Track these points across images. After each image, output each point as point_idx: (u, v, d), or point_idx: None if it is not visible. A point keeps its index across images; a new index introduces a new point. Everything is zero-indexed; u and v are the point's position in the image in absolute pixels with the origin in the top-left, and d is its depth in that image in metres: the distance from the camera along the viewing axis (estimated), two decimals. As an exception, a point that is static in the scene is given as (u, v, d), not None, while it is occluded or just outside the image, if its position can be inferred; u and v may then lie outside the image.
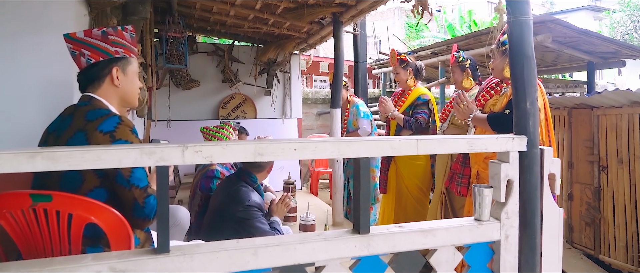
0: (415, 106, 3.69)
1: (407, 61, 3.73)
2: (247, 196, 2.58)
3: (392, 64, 3.77)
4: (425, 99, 3.69)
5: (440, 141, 1.51)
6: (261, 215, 2.58)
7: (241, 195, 2.58)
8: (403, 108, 3.71)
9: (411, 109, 3.69)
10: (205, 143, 1.26)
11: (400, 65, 3.70)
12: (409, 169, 3.62)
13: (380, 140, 1.43)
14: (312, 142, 1.35)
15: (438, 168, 3.33)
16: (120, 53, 1.72)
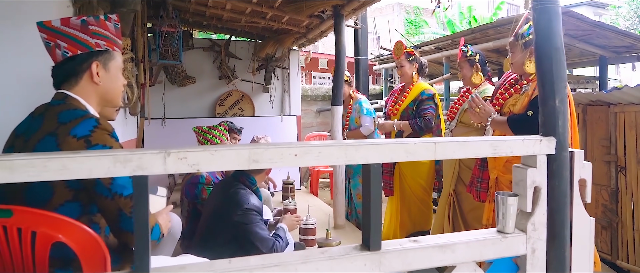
0: (419, 101, 3.56)
1: (414, 54, 3.59)
2: (246, 199, 2.42)
3: (397, 56, 3.60)
4: (430, 93, 3.57)
5: (461, 144, 1.33)
6: (260, 220, 2.42)
7: (239, 198, 2.41)
8: (405, 104, 3.57)
9: (415, 104, 3.56)
10: (192, 148, 1.08)
11: (406, 58, 3.56)
12: (412, 168, 3.47)
13: (394, 143, 1.25)
14: (315, 146, 1.17)
15: (445, 169, 3.15)
16: (102, 46, 1.52)
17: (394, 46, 3.67)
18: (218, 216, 2.41)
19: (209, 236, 2.36)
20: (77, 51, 1.48)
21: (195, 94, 5.80)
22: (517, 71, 2.45)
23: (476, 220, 2.72)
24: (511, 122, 2.28)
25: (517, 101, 2.36)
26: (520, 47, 2.37)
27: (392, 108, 3.62)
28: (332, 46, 4.07)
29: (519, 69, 2.41)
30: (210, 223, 2.44)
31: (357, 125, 4.16)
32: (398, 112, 3.57)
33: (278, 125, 6.04)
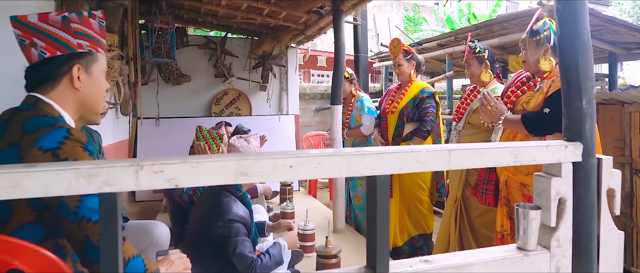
0: (420, 100, 3.46)
1: (412, 52, 3.50)
2: (228, 208, 2.16)
3: (394, 55, 3.50)
4: (431, 91, 3.50)
5: (478, 152, 1.18)
6: (245, 233, 2.17)
7: (222, 206, 2.16)
8: (404, 102, 3.47)
9: (414, 103, 3.45)
10: (169, 160, 0.92)
11: (404, 57, 3.46)
12: None
13: (403, 152, 1.09)
14: (314, 156, 1.02)
15: (452, 172, 3.01)
16: (85, 47, 1.34)
17: (391, 44, 3.55)
18: (201, 228, 2.19)
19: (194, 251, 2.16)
20: (57, 52, 1.31)
21: (190, 93, 5.64)
22: (530, 69, 2.35)
23: (484, 226, 2.57)
24: (526, 120, 2.16)
25: (531, 98, 2.25)
26: (534, 45, 2.27)
27: (390, 107, 3.51)
28: (331, 43, 3.92)
29: (533, 67, 2.31)
30: (194, 236, 2.22)
31: (357, 124, 4.01)
32: (396, 110, 3.46)
33: (276, 124, 5.88)
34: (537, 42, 2.25)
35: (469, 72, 2.89)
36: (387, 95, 3.69)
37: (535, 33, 2.27)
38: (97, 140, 2.11)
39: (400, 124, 3.48)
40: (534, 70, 2.32)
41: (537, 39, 2.25)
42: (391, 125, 3.51)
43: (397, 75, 3.57)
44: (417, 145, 3.29)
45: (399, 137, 3.48)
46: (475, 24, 4.19)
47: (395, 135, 3.49)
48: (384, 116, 3.61)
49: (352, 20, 5.16)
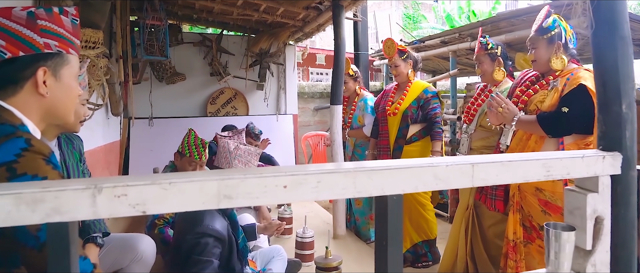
0: (424, 100, 3.32)
1: (407, 51, 3.36)
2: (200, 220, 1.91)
3: (389, 55, 3.36)
4: (434, 91, 3.38)
5: (505, 166, 1.00)
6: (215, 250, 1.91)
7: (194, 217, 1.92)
8: (406, 104, 3.32)
9: (418, 104, 3.31)
10: (135, 181, 0.75)
11: (400, 57, 3.32)
12: None
13: (419, 166, 0.92)
14: (312, 173, 0.84)
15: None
16: (53, 47, 1.16)
17: (384, 45, 3.39)
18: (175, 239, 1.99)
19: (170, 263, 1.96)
20: (19, 52, 1.12)
21: (184, 92, 5.47)
22: (541, 68, 2.24)
23: (497, 236, 2.41)
24: (542, 120, 2.05)
25: (546, 97, 2.13)
26: (545, 43, 2.18)
27: (391, 108, 3.35)
28: (330, 41, 3.76)
29: (544, 66, 2.21)
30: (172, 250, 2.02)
31: (359, 124, 3.83)
32: (399, 112, 3.31)
33: (273, 124, 5.71)
34: (548, 40, 2.17)
35: (480, 70, 2.72)
36: (385, 96, 3.53)
37: (545, 31, 2.17)
38: (77, 147, 1.93)
39: (403, 126, 3.32)
40: (545, 69, 2.22)
41: (548, 36, 2.17)
42: (393, 127, 3.36)
43: (394, 76, 3.43)
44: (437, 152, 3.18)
45: (402, 139, 3.33)
46: (481, 21, 4.03)
47: (398, 137, 3.33)
48: (383, 118, 3.45)
49: (352, 17, 4.99)
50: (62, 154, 1.79)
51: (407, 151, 3.31)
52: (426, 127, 3.32)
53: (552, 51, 2.16)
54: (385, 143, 3.40)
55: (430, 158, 0.90)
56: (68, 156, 1.82)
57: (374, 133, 3.61)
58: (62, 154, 1.79)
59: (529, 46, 2.28)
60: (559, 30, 2.16)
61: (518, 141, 2.25)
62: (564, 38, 2.16)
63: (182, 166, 2.55)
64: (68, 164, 1.80)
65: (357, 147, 3.85)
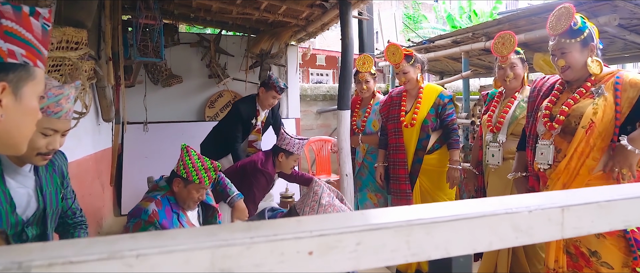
0: (441, 106, 3.08)
1: (413, 55, 3.13)
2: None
3: (395, 62, 3.09)
4: (449, 95, 3.13)
5: (603, 208, 0.74)
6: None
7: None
8: (424, 111, 3.07)
9: (435, 110, 3.07)
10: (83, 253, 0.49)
11: (407, 62, 3.08)
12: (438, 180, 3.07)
13: (492, 214, 0.66)
14: (349, 231, 0.58)
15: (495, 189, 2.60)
16: (19, 57, 0.87)
17: (387, 50, 3.12)
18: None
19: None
20: None
21: (181, 95, 5.22)
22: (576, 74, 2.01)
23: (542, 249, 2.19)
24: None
25: (598, 108, 1.86)
26: (578, 46, 1.96)
27: (407, 119, 3.09)
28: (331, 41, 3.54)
29: (579, 72, 1.99)
30: None
31: (374, 129, 3.54)
32: (417, 123, 3.05)
33: (275, 129, 5.46)
34: (582, 42, 1.95)
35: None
36: (394, 104, 3.22)
37: (577, 33, 1.94)
38: (58, 168, 1.67)
39: (423, 138, 3.06)
40: (580, 75, 2.00)
41: (581, 39, 1.95)
42: (411, 139, 3.09)
43: (402, 84, 3.16)
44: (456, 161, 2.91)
45: (422, 151, 3.07)
46: (497, 19, 3.77)
47: (417, 149, 3.07)
48: (396, 129, 3.15)
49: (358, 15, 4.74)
50: (38, 181, 1.54)
51: (427, 161, 3.07)
52: (443, 134, 3.09)
53: (586, 55, 1.96)
54: (402, 157, 3.11)
55: (506, 202, 0.68)
56: (46, 183, 1.57)
57: (382, 143, 3.33)
58: (38, 180, 1.54)
59: (558, 51, 2.00)
60: (589, 30, 1.96)
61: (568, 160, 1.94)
62: (594, 39, 1.97)
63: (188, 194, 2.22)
64: (45, 194, 1.55)
65: (368, 154, 3.58)
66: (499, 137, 2.54)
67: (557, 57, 2.02)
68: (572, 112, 1.96)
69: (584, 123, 1.90)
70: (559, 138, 2.01)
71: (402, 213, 0.64)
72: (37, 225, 1.55)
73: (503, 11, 19.71)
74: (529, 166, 2.19)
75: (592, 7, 3.03)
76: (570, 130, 1.97)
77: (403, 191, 3.10)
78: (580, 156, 1.91)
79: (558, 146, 1.99)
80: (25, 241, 1.49)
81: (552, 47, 2.05)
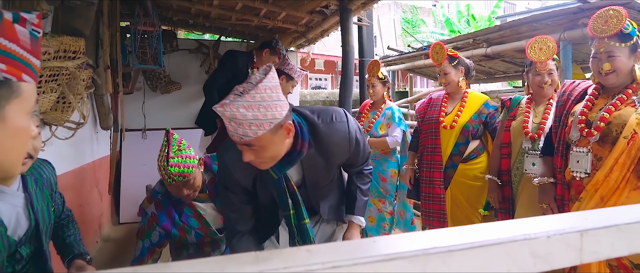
0: (486, 115, 2.99)
1: (458, 57, 3.02)
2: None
3: (438, 62, 2.99)
4: (495, 105, 3.03)
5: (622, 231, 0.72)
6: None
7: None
8: (466, 117, 2.97)
9: (479, 117, 2.98)
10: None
11: (450, 63, 2.98)
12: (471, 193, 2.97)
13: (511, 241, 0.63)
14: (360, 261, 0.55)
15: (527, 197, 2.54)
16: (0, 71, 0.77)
17: (432, 50, 3.03)
18: None
19: None
20: None
21: (180, 102, 5.18)
22: (619, 80, 1.94)
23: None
24: None
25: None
26: (627, 52, 1.90)
27: (447, 121, 2.99)
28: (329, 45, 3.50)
29: (624, 77, 1.93)
30: None
31: (380, 133, 3.50)
32: (457, 125, 2.95)
33: (274, 135, 5.43)
34: (631, 48, 1.89)
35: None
36: (433, 105, 3.11)
37: (628, 37, 1.88)
38: (47, 181, 1.63)
39: (462, 142, 2.96)
40: (622, 81, 1.93)
41: (631, 44, 1.89)
42: (448, 141, 2.99)
43: (443, 84, 3.06)
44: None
45: (458, 156, 2.97)
46: (498, 25, 3.75)
47: (453, 154, 2.97)
48: (432, 130, 3.04)
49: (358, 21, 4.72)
50: (28, 198, 1.49)
51: (462, 172, 2.98)
52: (482, 143, 3.03)
53: (633, 61, 1.91)
54: (438, 159, 3.00)
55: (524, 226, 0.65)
56: (36, 199, 1.52)
57: (414, 145, 3.24)
58: (28, 197, 1.49)
59: (604, 54, 1.94)
60: (637, 37, 1.91)
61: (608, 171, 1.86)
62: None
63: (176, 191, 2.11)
64: (36, 210, 1.50)
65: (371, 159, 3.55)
66: (541, 144, 2.45)
67: (603, 61, 1.94)
68: (613, 119, 1.89)
69: (627, 133, 1.82)
70: (596, 146, 1.93)
71: (417, 241, 0.61)
72: (30, 243, 1.50)
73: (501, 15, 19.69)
74: (558, 174, 2.13)
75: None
76: (610, 139, 1.89)
77: (437, 195, 3.00)
78: (621, 168, 1.83)
79: (598, 154, 1.91)
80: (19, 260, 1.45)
81: (598, 49, 1.96)
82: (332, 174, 1.79)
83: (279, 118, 1.36)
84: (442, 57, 2.97)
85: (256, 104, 1.30)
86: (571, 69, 3.25)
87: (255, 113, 1.30)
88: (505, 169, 2.69)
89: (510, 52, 3.95)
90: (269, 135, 1.37)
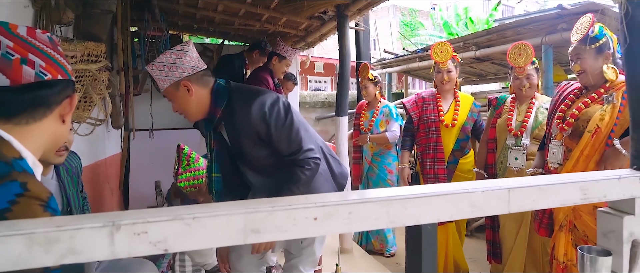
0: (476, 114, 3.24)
1: (458, 59, 3.24)
2: None
3: (443, 60, 3.12)
4: (479, 104, 3.29)
5: (541, 190, 0.95)
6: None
7: None
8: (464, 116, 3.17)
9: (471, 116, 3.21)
10: (155, 216, 0.69)
11: (452, 62, 3.19)
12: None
13: (453, 193, 0.87)
14: (344, 203, 0.79)
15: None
16: (72, 76, 1.06)
17: (435, 48, 3.17)
18: None
19: None
20: (58, 75, 1.00)
21: (185, 103, 5.38)
22: (589, 80, 2.13)
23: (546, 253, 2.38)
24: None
25: (606, 113, 1.99)
26: (593, 53, 2.08)
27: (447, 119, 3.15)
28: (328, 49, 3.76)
29: (594, 77, 2.11)
30: None
31: (381, 129, 3.78)
32: (457, 123, 3.15)
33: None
34: (596, 50, 2.06)
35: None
36: (427, 104, 3.24)
37: (593, 40, 2.06)
38: (75, 169, 1.86)
39: (462, 139, 3.16)
40: (594, 81, 2.11)
41: (596, 46, 2.06)
42: (449, 139, 3.16)
43: (443, 83, 3.18)
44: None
45: (459, 152, 3.17)
46: (486, 30, 3.99)
47: (455, 149, 3.16)
48: (432, 129, 3.17)
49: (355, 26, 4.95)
50: (62, 185, 1.71)
51: (461, 167, 3.18)
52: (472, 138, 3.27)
53: (601, 62, 2.07)
54: (441, 156, 3.14)
55: (464, 185, 0.85)
56: (68, 186, 1.74)
57: (406, 145, 3.36)
58: (62, 184, 1.72)
59: (574, 56, 2.16)
60: (606, 39, 2.07)
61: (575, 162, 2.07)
62: (611, 47, 2.07)
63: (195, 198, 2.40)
64: (69, 195, 1.72)
65: (376, 155, 3.80)
66: (523, 141, 2.68)
67: (573, 62, 2.16)
68: (582, 116, 2.07)
69: (590, 128, 2.01)
70: (568, 140, 2.13)
71: (384, 192, 0.84)
72: None
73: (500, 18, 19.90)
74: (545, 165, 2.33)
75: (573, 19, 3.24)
76: (578, 133, 2.08)
77: None
78: (586, 159, 2.02)
79: (569, 146, 2.11)
80: None
81: (569, 52, 2.19)
82: (261, 152, 1.90)
83: (178, 77, 1.77)
84: (448, 56, 3.12)
85: (162, 65, 1.78)
86: (552, 70, 3.49)
87: (161, 72, 1.78)
88: (491, 163, 2.91)
89: (498, 54, 4.18)
90: (172, 89, 1.81)
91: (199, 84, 1.83)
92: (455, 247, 3.19)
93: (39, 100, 0.98)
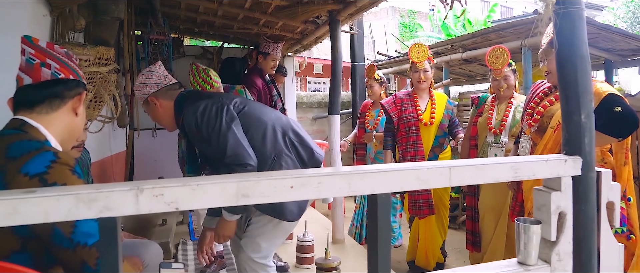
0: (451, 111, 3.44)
1: (433, 60, 3.46)
2: None
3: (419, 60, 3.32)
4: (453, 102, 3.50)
5: (478, 168, 1.17)
6: None
7: None
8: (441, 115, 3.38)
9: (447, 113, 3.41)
10: (169, 183, 0.92)
11: (428, 63, 3.40)
12: None
13: (404, 169, 1.09)
14: (314, 176, 1.01)
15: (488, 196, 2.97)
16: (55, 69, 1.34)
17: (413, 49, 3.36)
18: None
19: None
20: (70, 75, 1.33)
21: (187, 103, 5.59)
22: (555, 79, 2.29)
23: None
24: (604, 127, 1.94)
25: None
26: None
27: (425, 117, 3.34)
28: (327, 50, 3.92)
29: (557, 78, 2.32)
30: None
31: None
32: (436, 121, 3.35)
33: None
34: None
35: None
36: (405, 104, 3.42)
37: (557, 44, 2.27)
38: (85, 162, 2.09)
39: (441, 135, 3.35)
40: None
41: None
42: (428, 137, 3.35)
43: (419, 82, 3.35)
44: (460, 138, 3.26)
45: (438, 148, 3.36)
46: (471, 33, 4.21)
47: (434, 146, 3.35)
48: (411, 128, 3.35)
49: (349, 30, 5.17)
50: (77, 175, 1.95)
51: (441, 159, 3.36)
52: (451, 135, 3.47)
53: None
54: (421, 153, 3.32)
55: (413, 165, 1.03)
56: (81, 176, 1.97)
57: (389, 144, 3.52)
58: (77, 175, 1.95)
59: (543, 58, 2.33)
60: None
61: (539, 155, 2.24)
62: None
63: None
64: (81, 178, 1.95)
65: (379, 153, 3.99)
66: (502, 138, 2.88)
67: (542, 63, 2.34)
68: (546, 113, 2.27)
69: (553, 124, 2.19)
70: (535, 134, 2.32)
71: (347, 169, 1.07)
72: None
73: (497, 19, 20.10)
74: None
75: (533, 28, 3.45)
76: (543, 128, 2.26)
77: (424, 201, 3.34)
78: (549, 152, 2.18)
79: (535, 141, 2.31)
80: None
81: (539, 54, 2.37)
82: (214, 153, 1.99)
83: (147, 93, 2.06)
84: (425, 57, 3.32)
85: (137, 85, 2.10)
86: (531, 71, 3.71)
87: (137, 91, 2.10)
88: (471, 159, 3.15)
89: (483, 56, 4.40)
90: (145, 105, 2.12)
91: (164, 98, 2.09)
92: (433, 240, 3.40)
93: (54, 93, 1.30)
